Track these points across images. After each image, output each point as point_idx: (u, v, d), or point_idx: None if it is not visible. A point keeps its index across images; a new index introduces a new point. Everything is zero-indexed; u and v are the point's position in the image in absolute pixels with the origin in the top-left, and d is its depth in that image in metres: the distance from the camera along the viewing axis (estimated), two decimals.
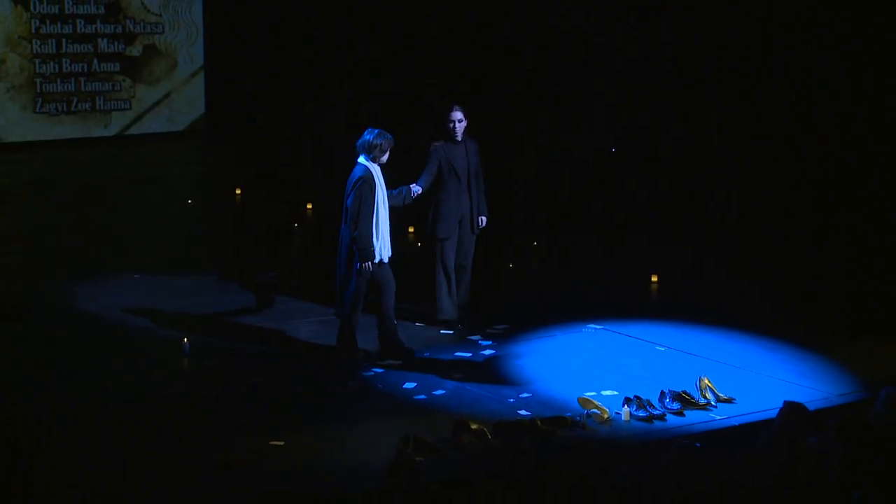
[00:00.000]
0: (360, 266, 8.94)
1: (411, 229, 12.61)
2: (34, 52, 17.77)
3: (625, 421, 8.00)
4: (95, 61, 18.22)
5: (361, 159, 9.06)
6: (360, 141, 9.10)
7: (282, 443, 7.55)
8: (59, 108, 18.05)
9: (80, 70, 18.11)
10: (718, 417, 8.12)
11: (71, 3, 17.91)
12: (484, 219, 9.88)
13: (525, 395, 8.45)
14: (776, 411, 6.80)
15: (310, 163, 16.74)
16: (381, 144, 9.00)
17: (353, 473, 7.06)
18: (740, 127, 15.08)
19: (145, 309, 10.47)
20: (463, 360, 9.12)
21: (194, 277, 11.30)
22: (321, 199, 14.21)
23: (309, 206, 14.11)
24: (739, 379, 8.72)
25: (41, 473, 7.01)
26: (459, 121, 9.68)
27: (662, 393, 8.25)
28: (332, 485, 6.78)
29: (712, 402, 8.27)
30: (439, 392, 8.49)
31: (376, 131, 9.04)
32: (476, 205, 9.82)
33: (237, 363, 9.12)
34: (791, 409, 6.76)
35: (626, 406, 8.09)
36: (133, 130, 18.59)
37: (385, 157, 9.08)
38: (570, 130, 16.60)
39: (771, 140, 14.75)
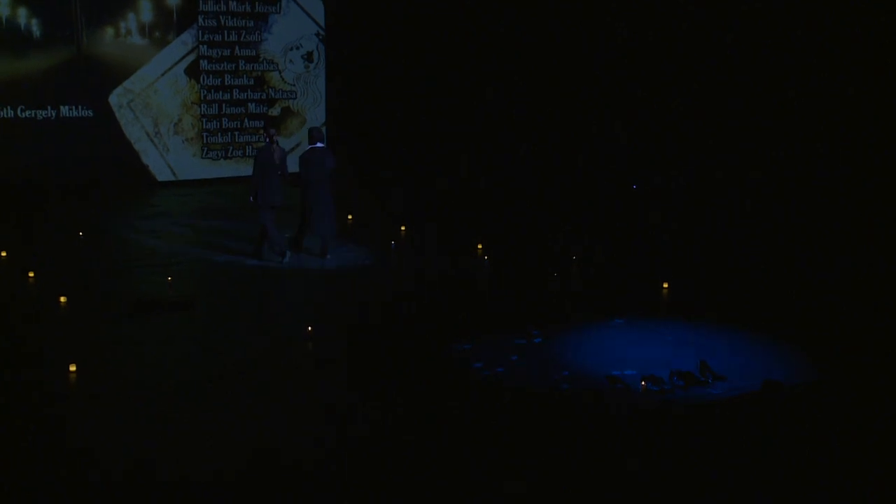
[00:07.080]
0: None
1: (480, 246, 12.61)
2: (202, 113, 18.13)
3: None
4: (246, 120, 18.54)
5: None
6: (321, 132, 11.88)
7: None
8: (220, 155, 18.40)
9: (234, 126, 18.44)
10: (714, 392, 8.07)
11: (229, 77, 18.26)
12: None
13: (566, 372, 8.47)
14: (758, 386, 6.75)
15: (402, 195, 16.85)
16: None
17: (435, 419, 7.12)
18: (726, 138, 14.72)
19: (284, 299, 10.62)
20: (519, 345, 9.15)
21: (306, 275, 11.42)
22: (411, 226, 14.30)
23: (403, 227, 14.20)
24: (730, 362, 8.64)
25: (180, 425, 7.17)
26: (274, 135, 11.86)
27: (671, 372, 8.23)
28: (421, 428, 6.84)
29: (709, 380, 8.23)
30: (500, 369, 8.55)
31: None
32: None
33: (339, 342, 9.25)
34: (768, 385, 6.71)
35: (643, 382, 8.07)
36: None
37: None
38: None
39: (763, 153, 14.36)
